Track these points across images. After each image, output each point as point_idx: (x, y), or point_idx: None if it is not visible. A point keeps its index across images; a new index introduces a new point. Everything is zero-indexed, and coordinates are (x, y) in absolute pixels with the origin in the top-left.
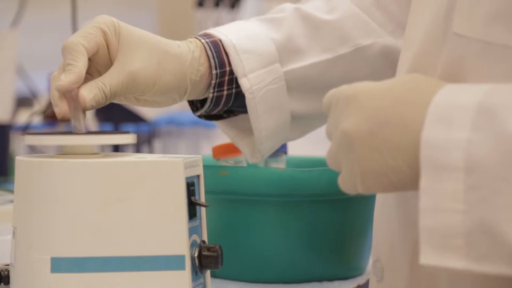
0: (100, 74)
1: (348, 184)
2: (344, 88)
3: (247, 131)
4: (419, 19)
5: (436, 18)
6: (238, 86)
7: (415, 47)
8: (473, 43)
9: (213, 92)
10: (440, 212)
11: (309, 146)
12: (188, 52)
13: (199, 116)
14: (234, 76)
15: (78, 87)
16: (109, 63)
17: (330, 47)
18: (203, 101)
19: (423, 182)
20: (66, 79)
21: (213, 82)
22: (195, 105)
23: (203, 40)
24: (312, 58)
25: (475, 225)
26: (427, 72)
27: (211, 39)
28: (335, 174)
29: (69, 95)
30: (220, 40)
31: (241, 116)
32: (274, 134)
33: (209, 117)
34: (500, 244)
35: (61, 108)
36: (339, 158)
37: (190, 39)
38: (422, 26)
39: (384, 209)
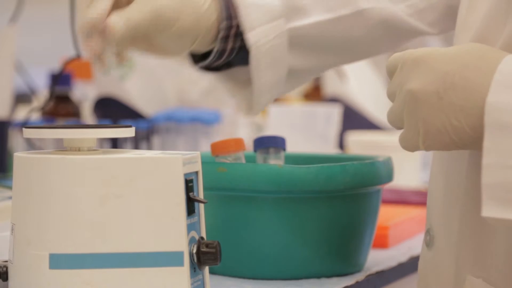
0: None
1: (409, 142)
2: (412, 51)
3: (244, 83)
4: (478, 2)
5: None
6: (242, 40)
7: (479, 21)
8: None
9: (220, 44)
10: (503, 168)
11: (308, 143)
12: None
13: (199, 68)
14: (239, 30)
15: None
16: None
17: (332, 8)
18: (201, 56)
19: (487, 142)
20: (96, 8)
21: (220, 35)
22: (193, 58)
23: None
24: (314, 17)
25: None
26: (490, 44)
27: None
28: (334, 171)
29: (96, 30)
30: None
31: (237, 69)
32: (272, 88)
33: (207, 69)
34: None
35: (93, 43)
36: (402, 117)
37: None
38: (483, 9)
39: (436, 179)
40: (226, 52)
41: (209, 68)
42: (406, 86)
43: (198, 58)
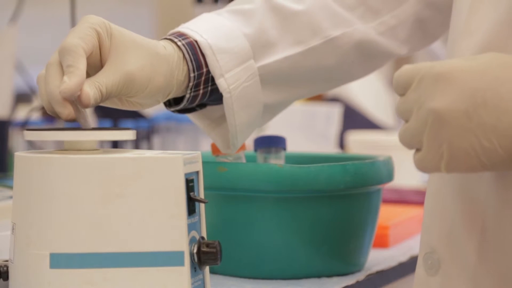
0: (88, 75)
1: (429, 164)
2: (430, 65)
3: (218, 120)
4: (483, 6)
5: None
6: (213, 84)
7: (486, 26)
8: None
9: (190, 93)
10: None
11: (308, 143)
12: (173, 53)
13: (172, 111)
14: (210, 75)
15: None
16: (99, 64)
17: (302, 40)
18: (176, 98)
19: None
20: (72, 82)
21: (191, 84)
22: (167, 100)
23: (179, 43)
24: (284, 51)
25: None
26: (503, 51)
27: (187, 40)
28: (334, 171)
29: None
30: (196, 41)
31: (210, 107)
32: (248, 127)
33: (181, 110)
34: None
35: (68, 109)
36: (421, 137)
37: (167, 40)
38: (490, 14)
39: (439, 198)
40: (198, 98)
41: (185, 109)
42: (428, 105)
43: (170, 101)
